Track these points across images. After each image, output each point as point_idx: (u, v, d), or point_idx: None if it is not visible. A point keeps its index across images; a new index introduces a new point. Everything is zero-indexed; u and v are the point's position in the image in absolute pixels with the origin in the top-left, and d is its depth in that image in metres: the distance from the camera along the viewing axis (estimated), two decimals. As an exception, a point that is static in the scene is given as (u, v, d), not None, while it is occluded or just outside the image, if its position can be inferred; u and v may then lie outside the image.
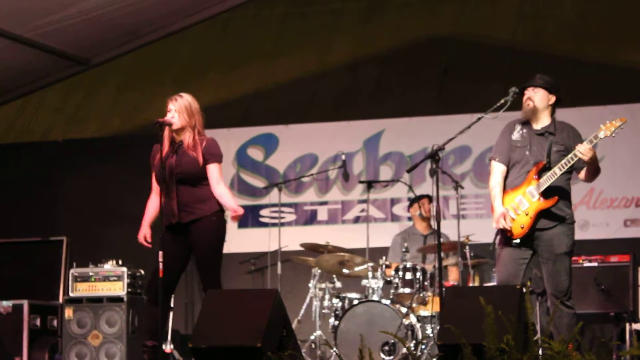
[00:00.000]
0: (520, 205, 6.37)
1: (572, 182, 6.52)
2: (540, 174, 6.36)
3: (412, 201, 9.38)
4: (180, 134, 6.57)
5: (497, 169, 6.57)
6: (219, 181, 6.50)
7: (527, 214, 6.36)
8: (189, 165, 6.48)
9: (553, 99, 6.51)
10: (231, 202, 6.50)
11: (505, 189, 6.50)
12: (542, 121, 6.50)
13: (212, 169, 6.52)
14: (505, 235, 6.43)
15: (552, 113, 6.54)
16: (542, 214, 6.35)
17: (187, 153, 6.51)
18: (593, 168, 6.41)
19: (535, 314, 7.99)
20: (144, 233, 6.61)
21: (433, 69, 10.53)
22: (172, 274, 6.49)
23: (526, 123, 6.52)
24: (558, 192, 6.36)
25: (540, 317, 7.97)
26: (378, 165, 10.31)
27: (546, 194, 6.34)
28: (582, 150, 6.22)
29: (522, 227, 6.36)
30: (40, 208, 10.88)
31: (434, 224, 8.31)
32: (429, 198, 9.18)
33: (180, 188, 6.48)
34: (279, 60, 11.01)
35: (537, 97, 6.46)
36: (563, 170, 6.30)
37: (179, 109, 6.52)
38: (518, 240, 6.39)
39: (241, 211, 6.43)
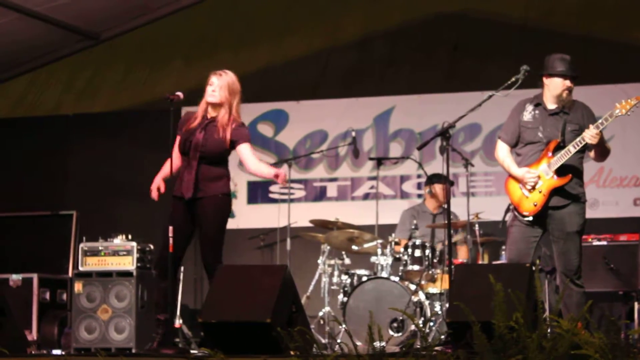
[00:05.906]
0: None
1: (583, 160, 6.52)
2: (554, 152, 6.36)
3: (429, 180, 9.20)
4: (215, 110, 6.55)
5: (502, 147, 6.62)
6: (252, 160, 6.53)
7: (540, 192, 6.35)
8: (215, 145, 6.47)
9: None
10: (269, 170, 6.56)
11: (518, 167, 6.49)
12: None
13: (245, 149, 6.52)
14: (517, 212, 6.43)
15: None
16: (555, 192, 6.35)
17: (216, 132, 6.48)
18: (600, 150, 6.42)
19: (544, 292, 8.00)
20: (157, 185, 6.55)
21: (444, 46, 10.49)
22: (180, 247, 6.51)
23: (539, 104, 6.50)
24: (571, 171, 6.36)
25: (549, 295, 7.98)
26: (388, 142, 10.29)
27: (560, 172, 6.34)
28: (588, 138, 6.23)
29: (535, 205, 6.36)
30: (50, 182, 10.89)
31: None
32: (445, 183, 8.94)
33: (200, 165, 6.47)
34: (290, 36, 10.96)
35: (572, 88, 6.43)
36: (577, 148, 6.30)
37: (222, 85, 6.52)
38: (530, 218, 6.39)
39: (282, 172, 6.46)
